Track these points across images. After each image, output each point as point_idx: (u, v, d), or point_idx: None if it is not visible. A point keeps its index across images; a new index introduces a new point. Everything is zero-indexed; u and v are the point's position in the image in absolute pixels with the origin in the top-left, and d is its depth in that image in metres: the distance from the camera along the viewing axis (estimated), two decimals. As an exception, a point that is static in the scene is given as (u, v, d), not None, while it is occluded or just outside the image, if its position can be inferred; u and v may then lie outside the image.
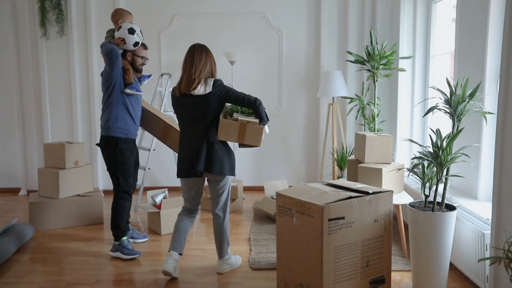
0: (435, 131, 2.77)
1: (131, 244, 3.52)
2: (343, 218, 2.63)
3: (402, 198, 3.47)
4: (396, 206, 3.43)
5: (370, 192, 2.78)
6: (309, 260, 2.66)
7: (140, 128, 5.16)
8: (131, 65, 3.51)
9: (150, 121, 3.77)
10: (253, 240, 3.77)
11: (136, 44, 3.43)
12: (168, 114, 5.28)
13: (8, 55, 5.37)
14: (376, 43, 4.30)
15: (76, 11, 5.22)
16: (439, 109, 2.79)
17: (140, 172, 5.14)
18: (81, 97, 5.35)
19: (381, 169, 3.46)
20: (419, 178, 2.85)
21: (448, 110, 2.72)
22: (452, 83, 2.73)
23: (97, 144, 3.55)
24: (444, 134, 2.73)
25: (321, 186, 2.96)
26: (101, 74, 3.50)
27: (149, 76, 3.80)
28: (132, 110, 3.49)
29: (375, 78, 4.35)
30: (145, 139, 5.17)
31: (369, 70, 4.36)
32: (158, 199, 3.98)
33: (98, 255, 3.50)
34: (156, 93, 5.14)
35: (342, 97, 4.75)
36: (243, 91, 5.42)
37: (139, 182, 5.15)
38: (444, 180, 2.77)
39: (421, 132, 4.46)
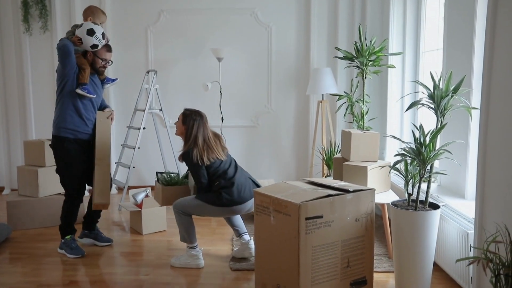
0: (418, 127, 2.67)
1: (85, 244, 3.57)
2: (321, 217, 2.52)
3: (388, 197, 3.36)
4: (382, 205, 3.33)
5: (351, 190, 2.67)
6: (286, 260, 2.55)
7: (126, 127, 5.11)
8: (91, 66, 3.36)
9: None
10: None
11: (94, 46, 3.25)
12: (154, 111, 5.20)
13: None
14: (365, 39, 4.20)
15: (60, 6, 5.11)
16: (422, 104, 2.69)
17: (124, 171, 5.07)
18: (65, 94, 5.23)
19: (366, 167, 3.36)
20: (401, 176, 2.75)
21: (431, 105, 2.62)
22: (436, 77, 2.63)
23: (50, 145, 3.45)
24: (430, 130, 2.63)
25: (301, 184, 2.85)
26: (56, 70, 3.38)
27: (113, 80, 3.63)
28: (84, 111, 3.35)
29: (364, 75, 4.24)
30: (130, 137, 5.07)
31: (358, 67, 4.25)
32: (139, 198, 3.88)
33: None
34: (142, 90, 5.04)
35: (331, 94, 4.65)
36: (231, 88, 5.40)
37: (123, 180, 5.07)
38: (427, 177, 2.66)
39: (410, 130, 4.35)
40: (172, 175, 3.52)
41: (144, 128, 4.87)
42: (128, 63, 5.34)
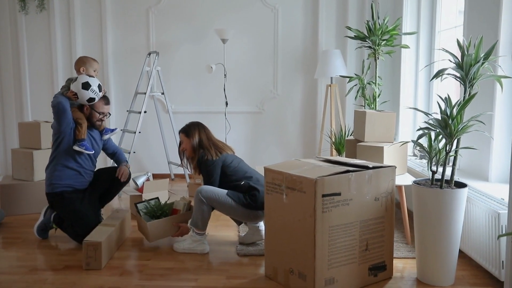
0: (443, 98, 2.45)
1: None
2: (339, 194, 2.31)
3: (405, 180, 3.15)
4: (399, 187, 3.11)
5: (371, 166, 2.46)
6: (300, 242, 2.34)
7: (126, 111, 4.90)
8: (88, 120, 3.18)
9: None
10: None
11: (90, 100, 3.07)
12: (156, 95, 4.99)
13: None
14: (378, 17, 3.98)
15: (58, -16, 4.91)
16: (448, 74, 2.47)
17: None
18: (64, 76, 4.99)
19: (382, 147, 3.15)
20: (425, 153, 2.53)
21: (458, 74, 2.41)
22: (464, 44, 2.41)
23: (49, 207, 3.26)
24: (457, 101, 2.42)
25: (315, 161, 2.64)
26: (51, 126, 3.15)
27: (112, 130, 3.38)
28: (82, 167, 3.16)
29: (376, 56, 4.02)
30: (131, 121, 4.86)
31: (370, 47, 4.03)
32: (139, 182, 3.67)
33: (70, 241, 3.17)
34: (143, 73, 4.82)
35: (340, 76, 4.43)
36: (236, 72, 5.17)
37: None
38: (454, 153, 2.45)
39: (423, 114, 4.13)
40: (152, 202, 3.19)
41: (145, 112, 4.66)
42: (128, 46, 5.13)
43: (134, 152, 4.65)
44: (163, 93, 4.86)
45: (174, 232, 3.06)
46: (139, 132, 4.63)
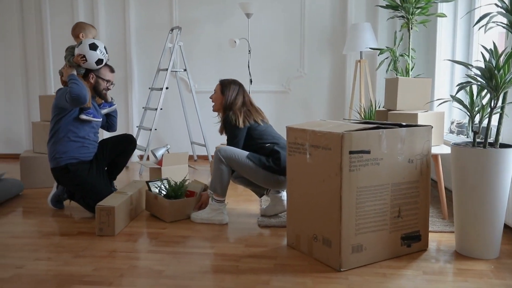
0: (488, 49, 2.19)
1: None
2: (368, 152, 2.09)
3: (442, 150, 2.89)
4: (435, 157, 2.85)
5: (404, 124, 2.23)
6: (325, 205, 2.13)
7: (148, 88, 4.80)
8: (94, 89, 3.07)
9: None
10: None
11: (99, 62, 2.95)
12: (179, 73, 4.87)
13: (10, 9, 5.08)
14: (412, -17, 3.71)
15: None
16: (494, 23, 2.21)
17: (146, 133, 4.76)
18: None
19: (416, 114, 2.90)
20: (465, 111, 2.28)
21: (506, 22, 2.14)
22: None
23: (57, 183, 3.14)
24: (504, 50, 2.16)
25: (343, 121, 2.43)
26: (56, 95, 2.98)
27: (110, 105, 3.20)
28: (85, 138, 3.01)
29: (410, 26, 3.76)
30: (153, 99, 4.75)
31: (402, 17, 3.77)
32: (158, 154, 3.54)
33: (86, 210, 3.06)
34: (166, 49, 4.71)
35: (370, 48, 4.18)
36: (260, 50, 4.98)
37: (143, 144, 4.77)
38: (500, 109, 2.19)
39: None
40: (164, 182, 3.03)
41: (167, 88, 4.54)
42: (151, 22, 5.03)
43: (156, 129, 4.54)
44: (185, 70, 4.73)
45: (189, 213, 2.88)
46: (161, 109, 4.51)
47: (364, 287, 1.90)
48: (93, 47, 2.91)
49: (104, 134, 4.29)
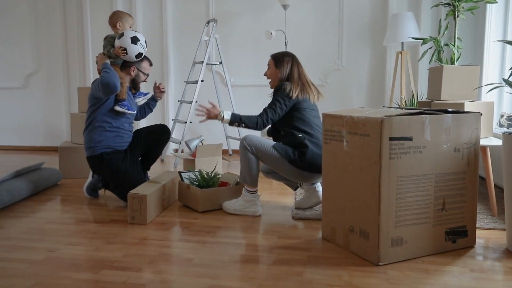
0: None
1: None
2: (410, 139, 1.95)
3: (491, 142, 2.69)
4: (483, 149, 2.66)
5: (450, 110, 2.08)
6: (362, 195, 2.01)
7: (184, 82, 4.80)
8: (133, 81, 3.08)
9: None
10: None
11: (139, 55, 2.94)
12: (214, 66, 4.84)
13: (53, 2, 5.24)
14: (459, -33, 3.50)
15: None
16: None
17: (181, 127, 4.76)
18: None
19: (462, 103, 2.71)
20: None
21: None
22: None
23: (93, 173, 3.17)
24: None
25: (382, 108, 2.30)
26: (92, 85, 2.97)
27: (145, 94, 3.24)
28: (120, 128, 3.01)
29: (456, 14, 3.55)
30: (188, 93, 4.75)
31: (448, 4, 3.57)
32: (192, 145, 3.51)
33: (120, 200, 3.07)
34: (202, 42, 4.69)
35: (413, 38, 3.99)
36: (297, 42, 4.87)
37: (178, 137, 4.77)
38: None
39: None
40: (196, 173, 2.96)
41: (202, 81, 4.52)
42: (188, 16, 5.03)
43: (191, 122, 4.53)
44: (220, 63, 4.70)
45: (221, 203, 2.81)
46: (196, 102, 4.49)
47: (404, 283, 1.77)
48: (135, 40, 2.90)
49: (140, 124, 4.32)
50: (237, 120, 2.62)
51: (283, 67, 2.75)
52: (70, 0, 5.19)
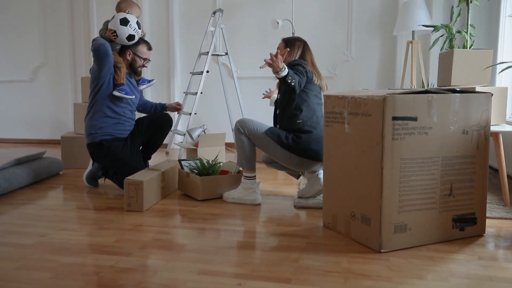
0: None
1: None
2: (415, 119, 1.84)
3: (503, 129, 2.56)
4: (495, 136, 2.52)
5: (458, 90, 1.96)
6: (364, 179, 1.91)
7: (190, 73, 4.74)
8: (130, 66, 3.00)
9: None
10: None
11: (130, 37, 2.86)
12: (220, 57, 4.76)
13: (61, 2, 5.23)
14: (472, -50, 3.37)
15: None
16: None
17: (186, 119, 4.69)
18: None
19: (473, 88, 2.58)
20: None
21: None
22: None
23: (92, 160, 3.11)
24: None
25: (388, 90, 2.19)
26: (90, 71, 2.96)
27: (149, 81, 3.17)
28: (121, 115, 2.95)
29: (469, 0, 3.42)
30: (193, 84, 4.68)
31: (461, -10, 3.44)
32: (195, 135, 3.43)
33: (119, 188, 3.00)
34: (208, 33, 4.62)
35: (424, 26, 3.85)
36: (305, 33, 4.75)
37: (183, 129, 4.70)
38: None
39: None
40: (197, 161, 2.85)
41: (207, 72, 4.44)
42: (194, 6, 4.96)
43: (196, 114, 4.46)
44: (226, 53, 4.62)
45: (222, 192, 2.72)
46: (201, 93, 4.42)
47: (406, 270, 1.66)
48: (124, 22, 2.83)
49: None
50: (291, 76, 2.39)
51: (294, 50, 2.65)
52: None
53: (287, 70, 2.36)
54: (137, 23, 2.90)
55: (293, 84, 2.39)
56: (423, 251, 1.84)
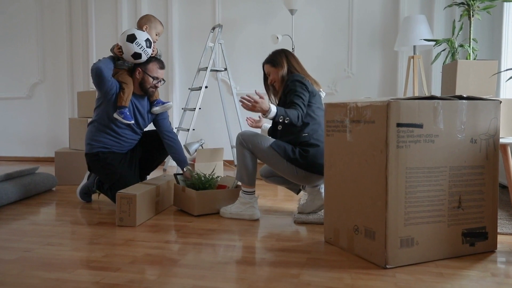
0: None
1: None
2: (420, 126, 1.75)
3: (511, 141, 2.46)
4: (503, 148, 2.43)
5: (465, 96, 1.88)
6: (367, 190, 1.80)
7: (188, 89, 4.67)
8: (140, 86, 2.81)
9: None
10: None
11: (136, 55, 2.67)
12: (219, 74, 4.71)
13: (59, 9, 5.22)
14: (473, -36, 3.34)
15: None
16: None
17: (185, 135, 4.61)
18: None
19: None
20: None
21: None
22: None
23: (89, 170, 3.01)
24: None
25: (392, 97, 2.10)
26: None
27: (164, 103, 2.91)
28: (121, 135, 2.83)
29: (471, 13, 3.37)
30: (192, 100, 4.61)
31: (462, 4, 3.40)
32: (192, 149, 3.34)
33: (113, 204, 2.89)
34: (207, 49, 4.58)
35: (426, 40, 3.81)
36: (305, 48, 4.72)
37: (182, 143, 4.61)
38: None
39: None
40: (194, 173, 2.76)
41: (206, 87, 4.38)
42: (194, 22, 4.95)
43: (194, 130, 4.37)
44: (225, 69, 4.57)
45: (219, 208, 2.60)
46: (199, 109, 4.35)
47: (415, 287, 1.54)
48: (131, 39, 2.64)
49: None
50: (282, 114, 2.31)
51: (282, 64, 2.58)
52: (76, 5, 5.16)
53: (275, 110, 2.29)
54: (147, 41, 2.71)
55: (286, 121, 2.33)
56: (432, 267, 1.72)
